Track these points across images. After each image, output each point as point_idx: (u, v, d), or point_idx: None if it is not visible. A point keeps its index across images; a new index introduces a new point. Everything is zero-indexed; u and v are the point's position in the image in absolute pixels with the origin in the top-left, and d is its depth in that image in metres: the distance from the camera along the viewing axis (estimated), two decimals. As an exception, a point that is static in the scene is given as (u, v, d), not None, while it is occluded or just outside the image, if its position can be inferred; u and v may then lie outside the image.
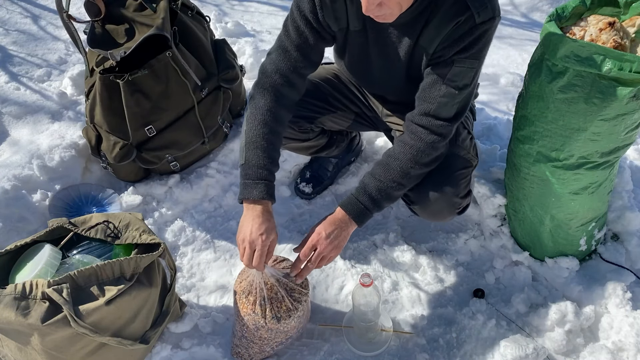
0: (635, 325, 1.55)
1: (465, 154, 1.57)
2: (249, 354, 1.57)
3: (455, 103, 1.39)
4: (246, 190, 1.41)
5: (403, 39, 1.41)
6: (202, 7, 2.29)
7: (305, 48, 1.47)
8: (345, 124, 1.83)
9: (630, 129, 1.45)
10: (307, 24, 1.44)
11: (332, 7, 1.41)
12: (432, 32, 1.35)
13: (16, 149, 2.22)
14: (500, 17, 1.35)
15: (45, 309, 1.30)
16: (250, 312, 1.47)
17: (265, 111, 1.46)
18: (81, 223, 1.51)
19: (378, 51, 1.49)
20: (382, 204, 1.45)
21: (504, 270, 1.84)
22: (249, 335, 1.52)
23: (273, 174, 1.44)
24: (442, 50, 1.36)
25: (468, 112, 1.68)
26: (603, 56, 1.30)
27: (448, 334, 1.67)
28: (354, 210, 1.43)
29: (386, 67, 1.53)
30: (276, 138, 1.47)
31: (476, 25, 1.30)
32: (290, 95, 1.50)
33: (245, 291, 1.50)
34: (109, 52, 1.79)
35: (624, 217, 1.81)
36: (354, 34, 1.48)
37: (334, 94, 1.75)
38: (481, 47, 1.34)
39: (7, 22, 3.10)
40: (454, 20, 1.31)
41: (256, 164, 1.41)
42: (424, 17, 1.35)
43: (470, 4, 1.29)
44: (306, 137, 1.80)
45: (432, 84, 1.39)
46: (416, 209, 1.62)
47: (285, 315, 1.48)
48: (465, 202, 1.60)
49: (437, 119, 1.40)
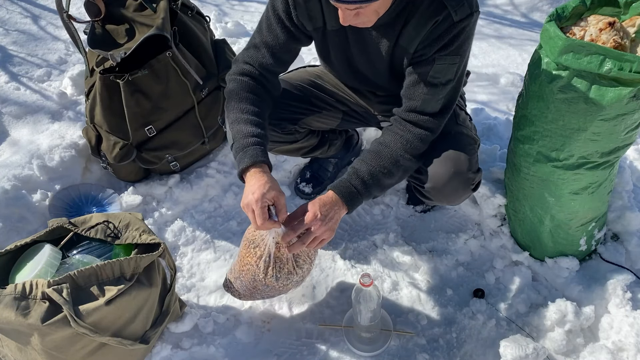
0: (635, 325, 1.55)
1: (468, 132, 1.59)
2: (239, 293, 1.61)
3: (440, 98, 1.41)
4: (239, 163, 1.38)
5: (383, 39, 1.43)
6: (202, 7, 2.29)
7: (277, 47, 1.49)
8: (333, 122, 1.83)
9: (630, 129, 1.45)
10: (280, 24, 1.46)
11: (305, 6, 1.42)
12: (412, 32, 1.36)
13: (16, 149, 2.22)
14: (479, 12, 1.36)
15: (45, 309, 1.30)
16: (253, 263, 1.48)
17: (239, 91, 1.47)
18: (81, 223, 1.51)
19: (359, 51, 1.50)
20: (372, 189, 1.43)
21: (504, 270, 1.84)
22: (244, 280, 1.54)
23: (262, 140, 1.41)
24: (423, 50, 1.38)
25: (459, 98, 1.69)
26: (603, 56, 1.30)
27: (448, 334, 1.67)
28: (346, 193, 1.40)
29: (369, 65, 1.54)
30: (257, 110, 1.46)
31: (454, 23, 1.32)
32: (262, 81, 1.51)
33: (254, 242, 1.49)
34: (109, 53, 1.79)
35: (624, 217, 1.81)
36: (333, 34, 1.49)
37: (317, 95, 1.75)
38: (461, 43, 1.36)
39: (7, 22, 3.10)
40: (432, 19, 1.33)
41: (242, 136, 1.40)
42: (403, 18, 1.36)
43: (447, 3, 1.31)
44: (293, 138, 1.79)
45: (415, 83, 1.41)
46: (430, 191, 1.58)
47: (284, 277, 1.49)
48: (478, 177, 1.58)
49: (423, 114, 1.43)
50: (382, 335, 1.64)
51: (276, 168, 2.16)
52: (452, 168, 1.50)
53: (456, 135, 1.55)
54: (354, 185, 1.41)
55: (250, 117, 1.43)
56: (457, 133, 1.56)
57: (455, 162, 1.51)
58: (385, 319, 1.67)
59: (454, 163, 1.50)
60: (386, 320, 1.67)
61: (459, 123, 1.60)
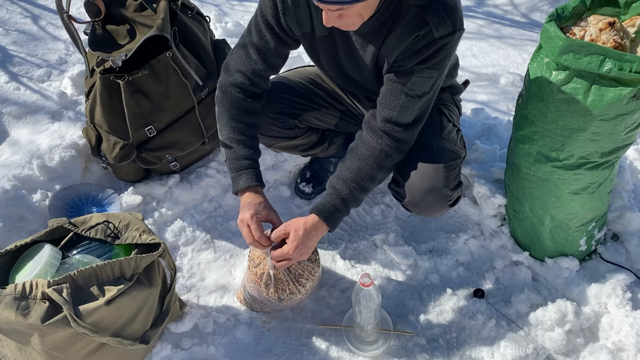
0: (635, 325, 1.55)
1: (451, 146, 1.59)
2: (251, 306, 1.72)
3: (414, 110, 1.44)
4: (234, 183, 1.51)
5: (367, 46, 1.45)
6: (202, 7, 2.29)
7: (266, 51, 1.51)
8: (331, 121, 1.84)
9: (630, 129, 1.45)
10: (269, 28, 1.48)
11: (294, 12, 1.44)
12: (393, 43, 1.38)
13: (16, 149, 2.22)
14: (463, 30, 1.38)
15: (45, 309, 1.30)
16: (257, 284, 1.55)
17: (230, 107, 1.53)
18: (81, 223, 1.51)
19: (347, 56, 1.52)
20: (350, 206, 1.49)
21: (504, 270, 1.84)
22: (253, 295, 1.63)
23: (255, 160, 1.53)
24: (402, 61, 1.40)
25: (453, 107, 1.72)
26: (603, 56, 1.30)
27: (448, 334, 1.67)
28: (329, 215, 1.46)
29: (358, 71, 1.55)
30: (248, 128, 1.54)
31: (435, 40, 1.34)
32: (253, 89, 1.56)
33: (255, 262, 1.57)
34: (110, 58, 1.80)
35: (624, 217, 1.81)
36: (322, 39, 1.51)
37: (317, 92, 1.76)
38: (441, 59, 1.38)
39: (7, 22, 3.10)
40: (414, 33, 1.34)
41: (235, 157, 1.51)
42: (386, 28, 1.38)
43: (430, 19, 1.32)
44: (293, 134, 1.80)
45: (392, 91, 1.43)
46: (408, 205, 1.62)
47: (287, 297, 1.55)
48: (456, 194, 1.61)
49: (397, 125, 1.45)
50: (382, 335, 1.64)
51: (276, 168, 2.16)
52: (429, 184, 1.53)
53: (438, 149, 1.55)
54: (335, 206, 1.47)
55: (242, 137, 1.52)
56: (439, 147, 1.56)
57: (432, 178, 1.53)
58: (385, 319, 1.67)
59: (430, 179, 1.53)
60: (386, 320, 1.67)
61: (444, 136, 1.59)
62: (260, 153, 1.56)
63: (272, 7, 1.45)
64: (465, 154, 1.66)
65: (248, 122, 1.54)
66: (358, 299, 1.49)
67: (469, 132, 2.18)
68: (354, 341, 1.63)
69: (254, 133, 1.56)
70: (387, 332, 1.65)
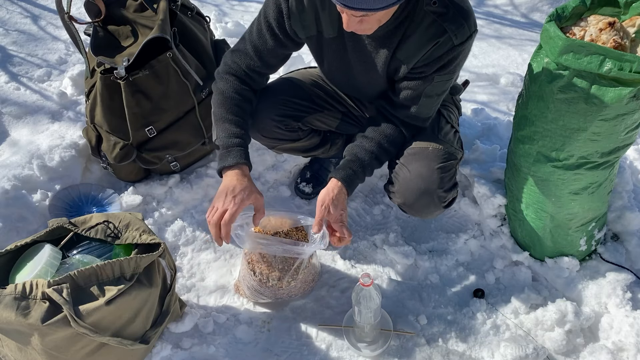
0: (635, 325, 1.55)
1: (447, 147, 1.60)
2: (245, 294, 1.74)
3: (434, 105, 1.56)
4: (221, 160, 1.48)
5: (380, 50, 1.46)
6: (202, 7, 2.29)
7: (262, 50, 1.54)
8: (333, 123, 1.84)
9: (630, 129, 1.46)
10: (269, 30, 1.50)
11: (299, 16, 1.46)
12: (411, 48, 1.42)
13: (16, 149, 2.22)
14: (477, 31, 1.42)
15: (45, 309, 1.30)
16: (249, 273, 1.62)
17: (226, 89, 1.55)
18: (81, 223, 1.51)
19: (357, 58, 1.53)
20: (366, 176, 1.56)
21: (504, 270, 1.84)
22: (247, 282, 1.67)
23: (245, 141, 1.51)
24: (423, 67, 1.45)
25: (453, 107, 1.75)
26: (603, 56, 1.31)
27: (448, 334, 1.67)
28: (350, 183, 1.51)
29: (367, 73, 1.56)
30: (242, 111, 1.54)
31: (454, 47, 1.39)
32: (249, 82, 1.58)
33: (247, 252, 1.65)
34: (112, 64, 1.81)
35: (624, 217, 1.81)
36: (330, 41, 1.52)
37: (319, 94, 1.77)
38: (459, 62, 1.46)
39: (7, 22, 3.10)
40: (433, 40, 1.39)
41: (226, 135, 1.49)
42: (401, 32, 1.41)
43: (447, 27, 1.36)
44: (296, 136, 1.80)
45: (414, 96, 1.50)
46: (403, 207, 1.63)
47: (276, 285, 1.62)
48: (450, 195, 1.61)
49: (418, 119, 1.56)
50: (382, 335, 1.64)
51: (276, 168, 2.16)
52: (423, 185, 1.54)
53: (433, 150, 1.57)
54: (356, 172, 1.52)
55: (234, 117, 1.52)
56: (434, 148, 1.57)
57: (426, 179, 1.54)
58: (385, 319, 1.67)
59: (425, 181, 1.54)
60: (386, 320, 1.67)
61: (440, 138, 1.61)
62: (250, 139, 1.56)
63: (276, 10, 1.47)
64: (462, 155, 1.68)
65: (242, 106, 1.55)
66: (358, 299, 1.49)
67: (469, 132, 2.18)
68: (354, 341, 1.63)
69: (247, 117, 1.56)
70: (387, 332, 1.65)
